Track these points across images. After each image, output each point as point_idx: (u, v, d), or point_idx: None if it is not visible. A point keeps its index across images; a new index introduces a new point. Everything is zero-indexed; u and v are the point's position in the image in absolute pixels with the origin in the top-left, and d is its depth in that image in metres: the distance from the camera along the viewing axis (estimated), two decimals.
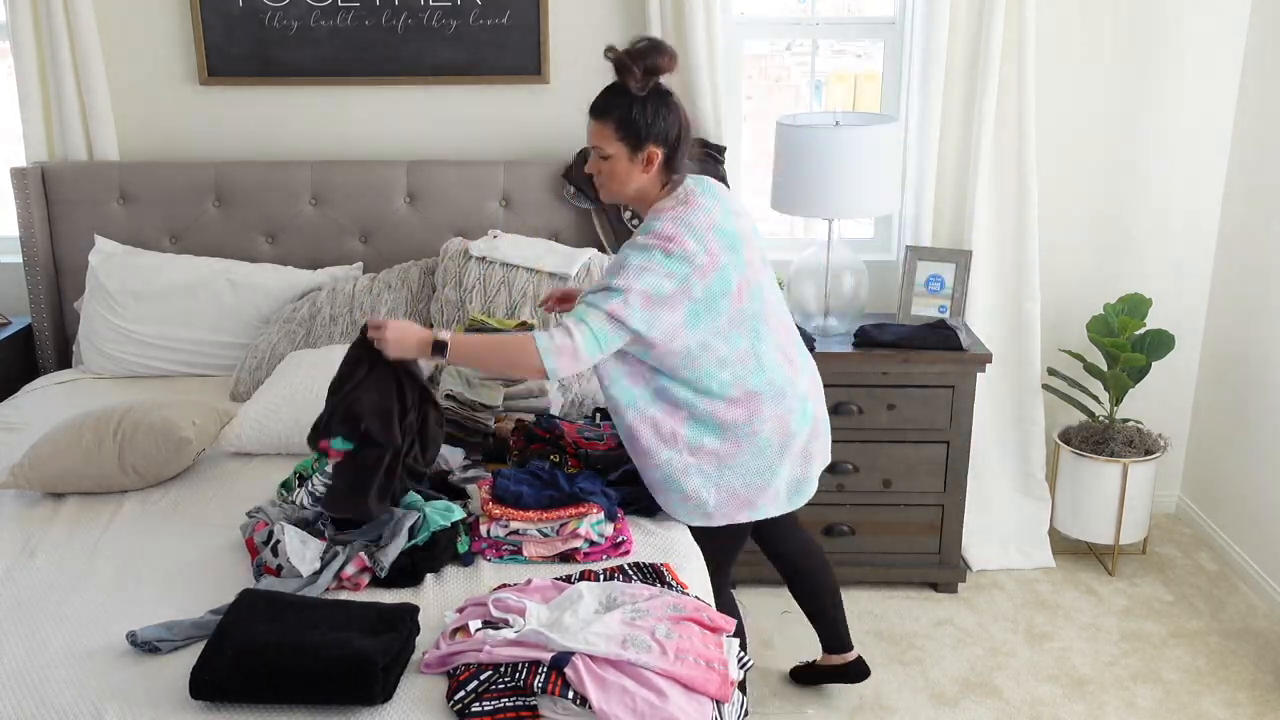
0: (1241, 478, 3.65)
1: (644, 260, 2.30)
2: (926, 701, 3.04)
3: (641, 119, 2.34)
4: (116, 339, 3.44)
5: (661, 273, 2.29)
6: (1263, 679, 3.14)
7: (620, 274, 2.31)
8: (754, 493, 2.50)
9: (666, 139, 2.36)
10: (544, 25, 3.56)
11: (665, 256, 2.30)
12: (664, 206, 2.38)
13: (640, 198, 2.44)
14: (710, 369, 2.38)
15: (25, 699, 1.94)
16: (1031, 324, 3.65)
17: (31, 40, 3.50)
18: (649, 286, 2.29)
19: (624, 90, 2.35)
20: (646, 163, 2.37)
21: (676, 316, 2.32)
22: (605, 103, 2.37)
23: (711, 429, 2.43)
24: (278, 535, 2.28)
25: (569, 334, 2.29)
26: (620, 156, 2.37)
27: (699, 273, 2.31)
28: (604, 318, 2.29)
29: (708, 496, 2.47)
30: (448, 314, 3.26)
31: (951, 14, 3.48)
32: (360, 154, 3.71)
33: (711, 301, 2.34)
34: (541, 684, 1.90)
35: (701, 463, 2.45)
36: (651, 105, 2.34)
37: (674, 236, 2.31)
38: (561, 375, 2.31)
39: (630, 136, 2.35)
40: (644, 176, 2.39)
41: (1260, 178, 3.55)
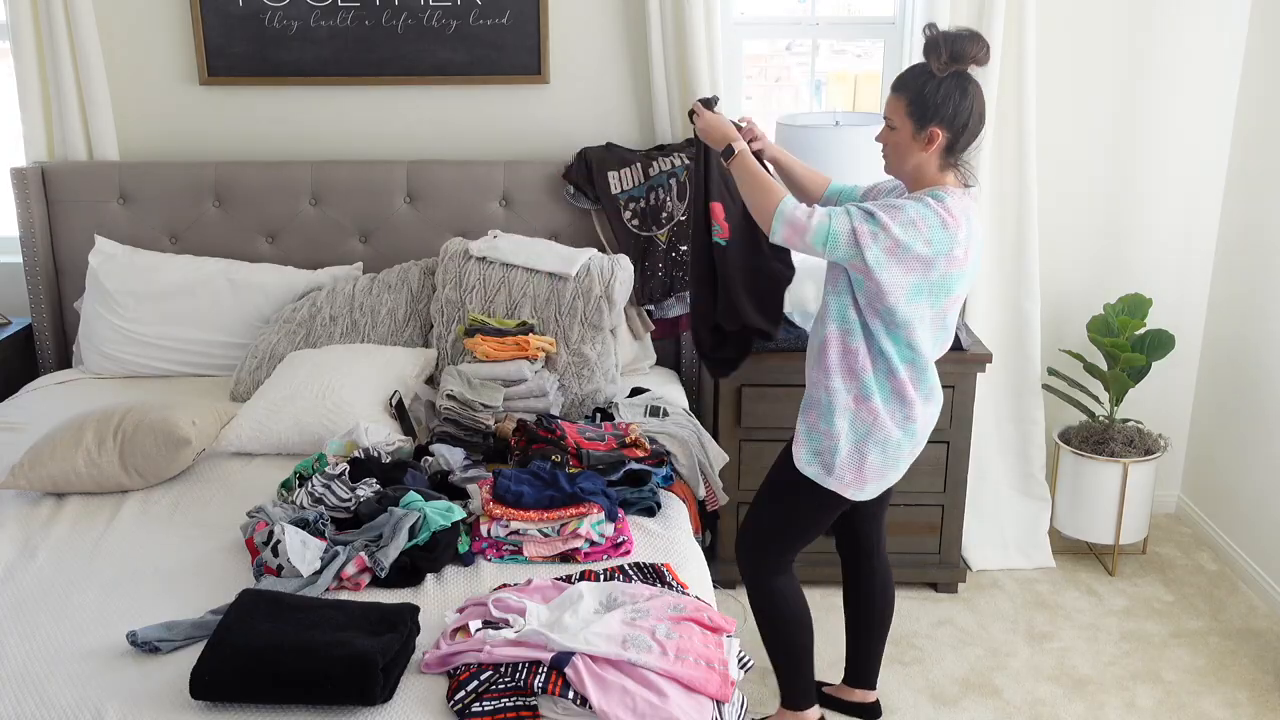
0: (1241, 478, 3.65)
1: (919, 215, 2.32)
2: (926, 701, 3.04)
3: (933, 98, 2.36)
4: (116, 339, 3.44)
5: (924, 236, 2.31)
6: (1263, 679, 3.14)
7: (890, 211, 2.33)
8: (877, 472, 2.51)
9: (953, 123, 2.37)
10: (544, 25, 3.56)
11: (940, 226, 2.32)
12: (953, 190, 2.40)
13: (916, 175, 2.44)
14: (896, 341, 2.42)
15: (25, 699, 1.94)
16: (1031, 324, 3.65)
17: (31, 40, 3.50)
18: (905, 237, 2.31)
19: (925, 67, 2.38)
20: (928, 141, 2.38)
21: (905, 279, 2.34)
22: (905, 77, 2.41)
23: (887, 392, 2.46)
24: (278, 535, 2.28)
25: (812, 214, 2.35)
26: (905, 130, 2.40)
27: (948, 260, 2.34)
28: (850, 230, 2.32)
29: (839, 448, 2.48)
30: (448, 314, 3.26)
31: (951, 14, 3.48)
32: (360, 154, 3.71)
33: (937, 291, 2.38)
34: (541, 684, 1.90)
35: (858, 415, 2.47)
36: (946, 88, 2.36)
37: (956, 218, 2.34)
38: (783, 239, 2.38)
39: (918, 113, 2.37)
40: (923, 154, 2.40)
41: (1260, 178, 3.55)
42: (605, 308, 3.20)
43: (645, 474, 2.68)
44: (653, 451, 2.77)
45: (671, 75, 3.52)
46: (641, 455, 2.73)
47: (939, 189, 2.39)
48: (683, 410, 3.18)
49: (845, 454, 2.48)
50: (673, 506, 2.68)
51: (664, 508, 2.65)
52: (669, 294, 3.50)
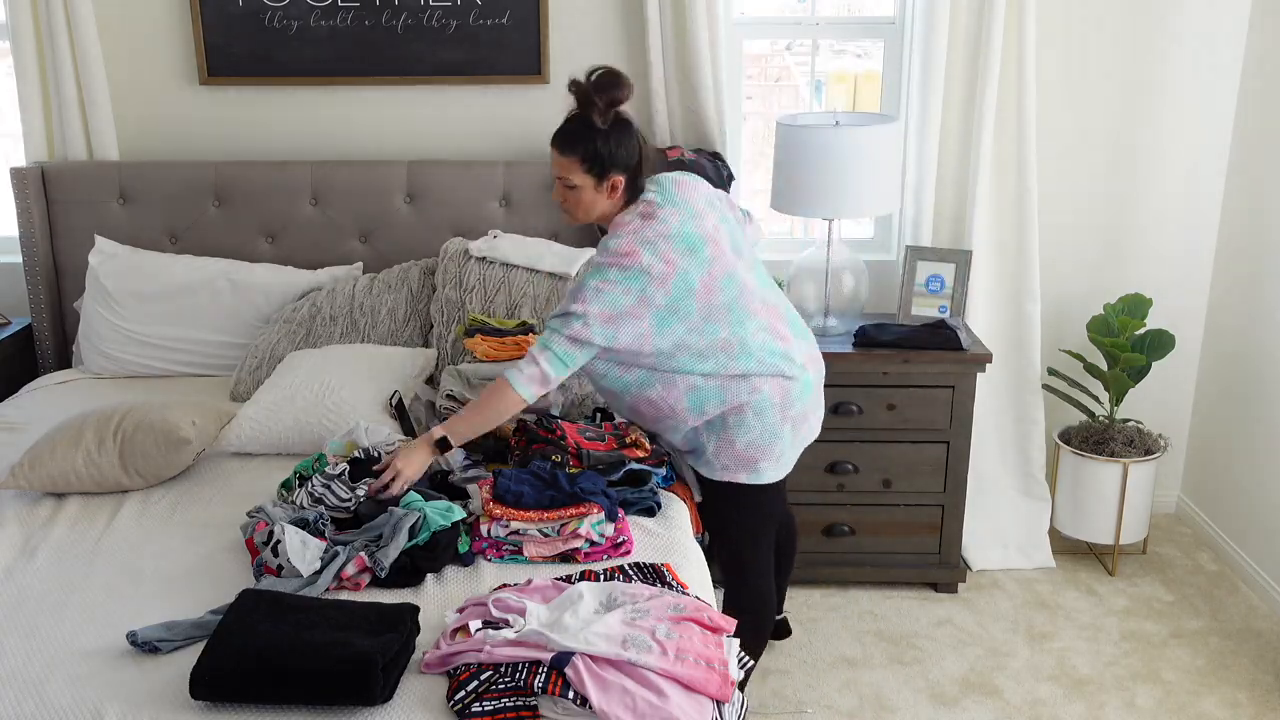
0: (1241, 478, 3.65)
1: (599, 280, 2.41)
2: (926, 701, 3.04)
3: (605, 151, 2.44)
4: (116, 339, 3.44)
5: (619, 290, 2.40)
6: (1263, 679, 3.14)
7: (578, 298, 2.42)
8: (756, 453, 2.59)
9: (628, 166, 2.47)
10: (544, 25, 3.56)
11: (621, 272, 2.41)
12: (623, 221, 2.48)
13: (605, 218, 2.55)
14: (689, 362, 2.49)
15: (25, 699, 1.94)
16: (1031, 324, 3.65)
17: (31, 40, 3.50)
18: (606, 305, 2.40)
19: (588, 123, 2.44)
20: (611, 190, 2.49)
21: (642, 325, 2.43)
22: (569, 137, 2.46)
23: (711, 394, 2.53)
24: (278, 535, 2.28)
25: (534, 361, 2.42)
26: (586, 187, 2.48)
27: (657, 282, 2.41)
28: (565, 341, 2.42)
29: (707, 443, 2.59)
30: (448, 314, 3.26)
31: (951, 14, 3.48)
32: (360, 154, 3.71)
33: (677, 304, 2.45)
34: (541, 684, 1.90)
35: (706, 426, 2.58)
36: (615, 137, 2.44)
37: (629, 252, 2.41)
38: (537, 399, 2.46)
39: (595, 168, 2.45)
40: (608, 202, 2.51)
41: (1260, 178, 3.55)
42: None
43: (645, 474, 2.68)
44: (653, 451, 2.77)
45: (671, 75, 3.52)
46: (641, 455, 2.72)
47: (608, 236, 2.47)
48: None
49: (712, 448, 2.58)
50: (673, 506, 2.68)
51: (664, 508, 2.65)
52: None
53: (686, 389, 2.52)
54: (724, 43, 3.52)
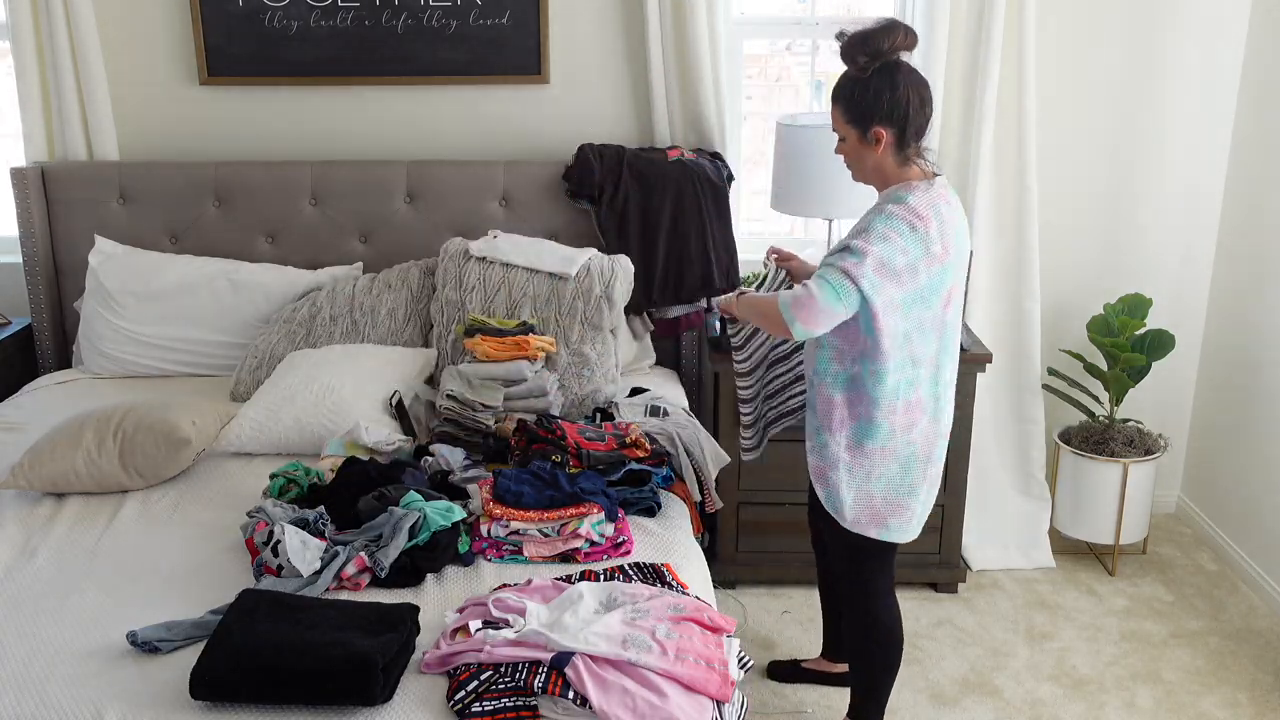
0: (1241, 478, 3.65)
1: (888, 228, 2.30)
2: (926, 701, 3.04)
3: (864, 101, 2.35)
4: (116, 339, 3.44)
5: (900, 245, 2.29)
6: (1263, 679, 3.14)
7: (862, 236, 2.31)
8: (890, 508, 2.49)
9: (892, 117, 2.34)
10: (544, 25, 3.56)
11: (910, 231, 2.30)
12: (915, 185, 2.38)
13: (879, 176, 2.43)
14: (904, 362, 2.39)
15: (25, 699, 1.94)
16: (1031, 324, 3.65)
17: (31, 40, 3.50)
18: (885, 254, 2.28)
19: (849, 73, 2.38)
20: (875, 142, 2.37)
21: (898, 294, 2.31)
22: (836, 87, 2.41)
23: (876, 432, 2.43)
24: (278, 535, 2.28)
25: (808, 289, 2.31)
26: (851, 138, 2.40)
27: (930, 259, 2.31)
28: (840, 274, 2.29)
29: (846, 496, 2.48)
30: (448, 314, 3.26)
31: (951, 14, 3.48)
32: (360, 154, 3.71)
33: (928, 294, 2.35)
34: (541, 684, 1.90)
35: (853, 463, 2.47)
36: (874, 87, 2.34)
37: (924, 216, 2.31)
38: (806, 328, 2.31)
39: (856, 119, 2.37)
40: (876, 156, 2.39)
41: (1260, 178, 3.55)
42: (605, 308, 3.20)
43: (645, 474, 2.68)
44: (653, 451, 2.77)
45: (671, 75, 3.52)
46: (641, 455, 2.73)
47: (901, 190, 2.37)
48: (683, 410, 3.18)
49: (850, 502, 2.49)
50: (673, 506, 2.68)
51: (664, 508, 2.65)
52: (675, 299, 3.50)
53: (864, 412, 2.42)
54: (724, 43, 3.52)
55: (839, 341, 2.43)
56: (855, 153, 2.41)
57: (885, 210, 2.33)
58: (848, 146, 2.42)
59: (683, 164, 3.43)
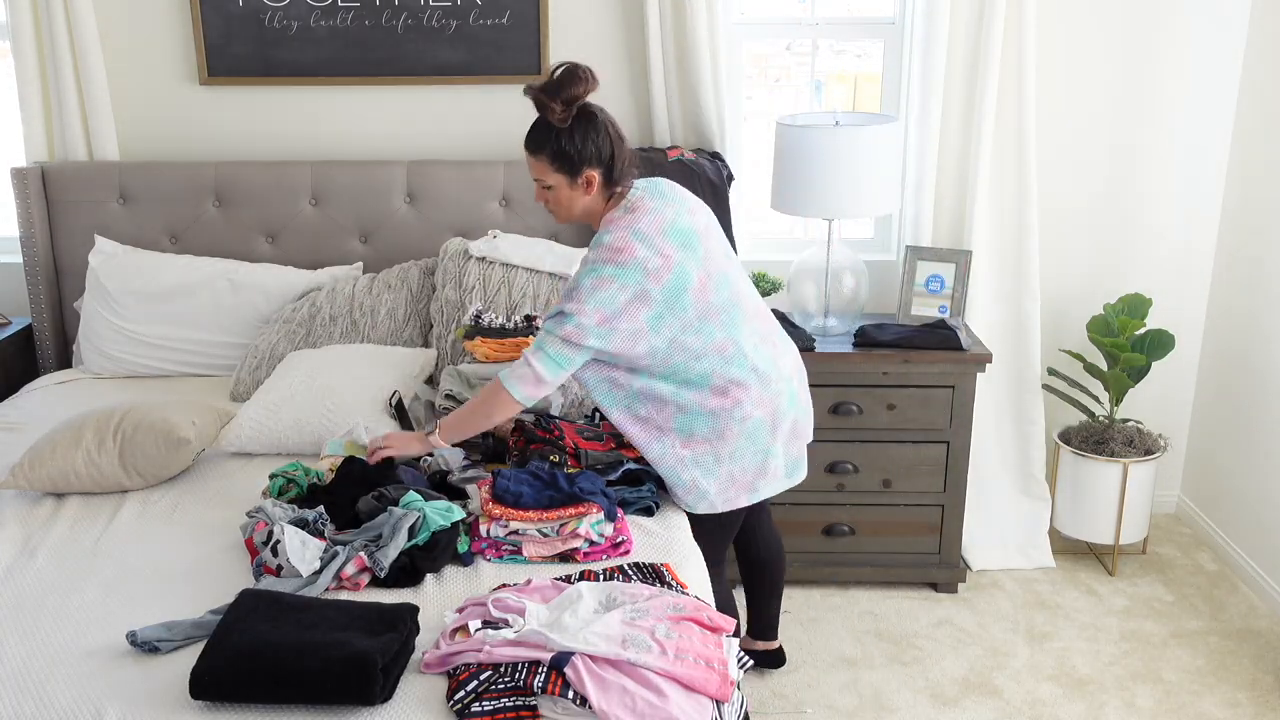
0: (1241, 478, 3.65)
1: (594, 279, 2.38)
2: (926, 701, 3.04)
3: (571, 148, 2.43)
4: (116, 339, 3.44)
5: (614, 286, 2.37)
6: (1263, 679, 3.14)
7: (573, 297, 2.40)
8: (753, 476, 2.59)
9: (600, 159, 2.45)
10: (544, 25, 3.56)
11: (617, 269, 2.38)
12: (612, 218, 2.47)
13: (588, 215, 2.53)
14: (685, 362, 2.46)
15: (25, 699, 1.94)
16: (1031, 324, 3.65)
17: (31, 40, 3.50)
18: (601, 304, 2.37)
19: (549, 123, 2.44)
20: (587, 185, 2.47)
21: (637, 323, 2.40)
22: (536, 138, 2.47)
23: (700, 418, 2.51)
24: (278, 535, 2.28)
25: (528, 363, 2.42)
26: (561, 185, 2.48)
27: (653, 277, 2.39)
28: (559, 343, 2.40)
29: (708, 486, 2.57)
30: (448, 314, 3.26)
31: (951, 14, 3.48)
32: (360, 154, 3.71)
33: (673, 300, 2.41)
34: (541, 684, 1.90)
35: (696, 453, 2.54)
36: (579, 133, 2.42)
37: (623, 247, 2.39)
38: (533, 401, 2.45)
39: (565, 166, 2.45)
40: (586, 198, 2.49)
41: (1260, 178, 3.55)
42: None
43: (643, 474, 2.68)
44: None
45: (671, 75, 3.52)
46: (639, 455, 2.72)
47: (605, 230, 2.44)
48: None
49: (715, 488, 2.56)
50: (672, 506, 2.68)
51: (662, 507, 2.65)
52: None
53: (675, 410, 2.50)
54: (724, 43, 3.52)
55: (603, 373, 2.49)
56: (565, 198, 2.49)
57: (587, 261, 2.42)
58: (556, 194, 2.49)
59: (683, 164, 3.43)
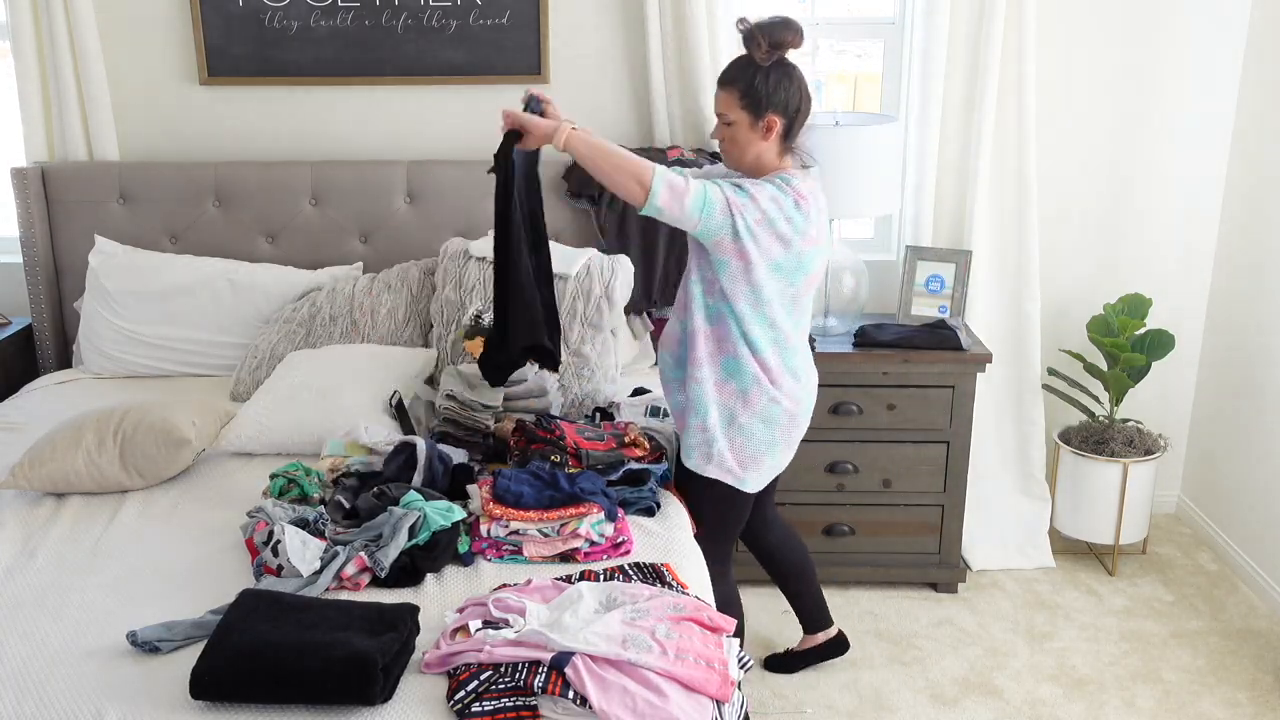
0: (1241, 478, 3.65)
1: (775, 194, 2.43)
2: (926, 701, 3.04)
3: (764, 88, 2.45)
4: (116, 339, 3.44)
5: (784, 214, 2.43)
6: (1263, 679, 3.14)
7: (759, 188, 2.43)
8: (747, 460, 2.62)
9: (786, 109, 2.47)
10: (544, 25, 3.56)
11: (794, 207, 2.44)
12: (796, 174, 2.51)
13: (756, 165, 2.53)
14: (761, 319, 2.51)
15: (25, 699, 1.94)
16: (1031, 324, 3.65)
17: (31, 40, 3.50)
18: (769, 212, 2.42)
19: (750, 61, 2.47)
20: (766, 130, 2.48)
21: (770, 252, 2.44)
22: (731, 72, 2.50)
23: (743, 372, 2.54)
24: (278, 535, 2.28)
25: (688, 180, 2.40)
26: (741, 123, 2.48)
27: (803, 238, 2.46)
28: (724, 199, 2.40)
29: (711, 437, 2.58)
30: (448, 314, 3.26)
31: (951, 14, 3.48)
32: (360, 154, 3.71)
33: (795, 269, 2.48)
34: (541, 684, 1.90)
35: (722, 399, 2.57)
36: (774, 76, 2.45)
37: (805, 198, 2.46)
38: (659, 204, 2.37)
39: (752, 105, 2.46)
40: (763, 144, 2.50)
41: (1260, 178, 3.55)
42: (605, 308, 3.19)
43: (644, 473, 2.68)
44: (651, 448, 2.77)
45: (671, 75, 3.52)
46: (640, 455, 2.72)
47: (784, 173, 2.49)
48: None
49: (722, 443, 2.59)
50: (672, 506, 2.68)
51: (663, 507, 2.65)
52: None
53: (732, 349, 2.53)
54: (724, 43, 3.51)
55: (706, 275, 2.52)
56: (742, 138, 2.50)
57: (774, 182, 2.46)
58: (734, 131, 2.50)
59: (683, 164, 3.43)
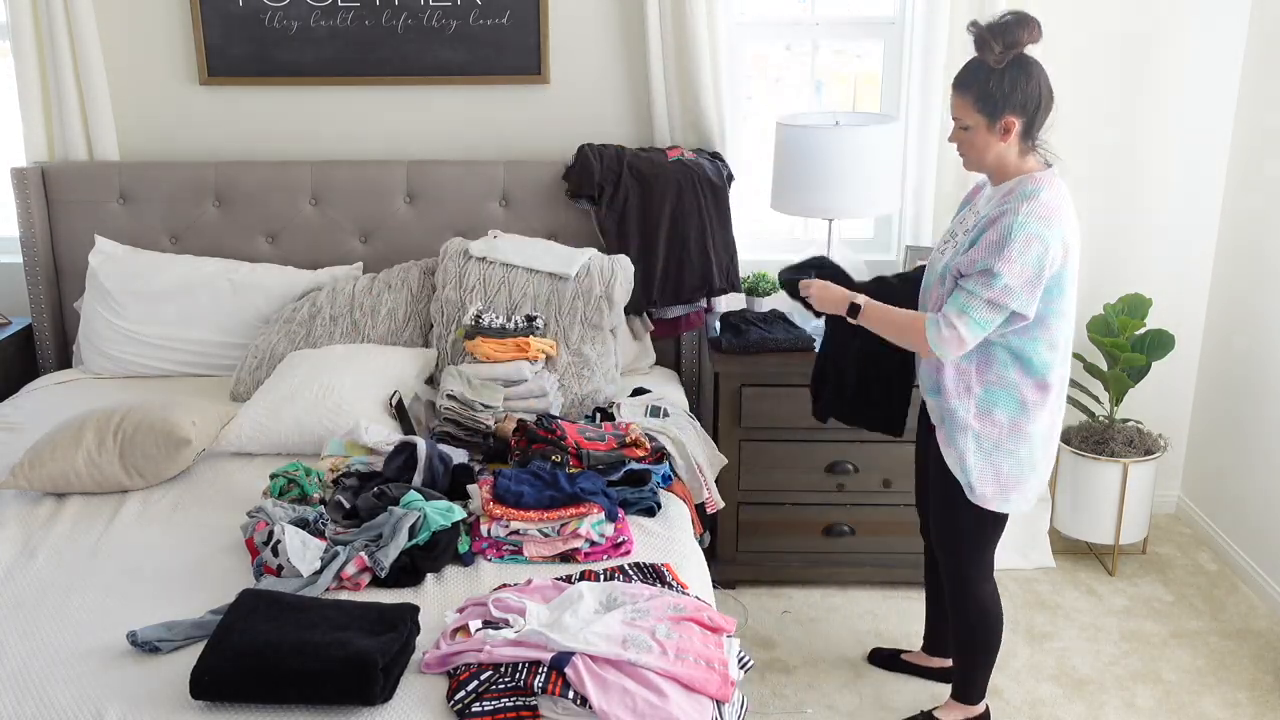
0: (1241, 478, 3.65)
1: (1025, 235, 2.34)
2: (927, 701, 3.04)
3: (999, 91, 2.39)
4: (116, 339, 3.44)
5: (1040, 246, 2.35)
6: (1263, 679, 3.14)
7: (1003, 256, 2.34)
8: (1013, 481, 2.55)
9: (1025, 108, 2.40)
10: (544, 25, 3.56)
11: (1048, 228, 2.35)
12: (1041, 177, 2.43)
13: (998, 166, 2.48)
14: (1039, 344, 2.46)
15: (25, 699, 1.95)
16: None
17: (31, 40, 3.50)
18: (1031, 264, 2.35)
19: (982, 63, 2.40)
20: (1004, 132, 2.42)
21: (1042, 285, 2.38)
22: (965, 76, 2.44)
23: (1009, 402, 2.50)
24: (278, 535, 2.28)
25: (954, 326, 2.39)
26: (979, 127, 2.43)
27: (1064, 249, 2.38)
28: (985, 306, 2.37)
29: (972, 465, 2.54)
30: (448, 314, 3.26)
31: (951, 14, 3.48)
32: (360, 154, 3.71)
33: (1061, 281, 2.41)
34: (541, 684, 1.90)
35: (982, 432, 2.52)
36: (1009, 76, 2.38)
37: (1057, 208, 2.38)
38: (951, 354, 2.43)
39: (988, 108, 2.40)
40: (1001, 145, 2.44)
41: (1260, 178, 3.55)
42: (605, 308, 3.20)
43: (645, 474, 2.68)
44: (652, 449, 2.77)
45: (671, 75, 3.52)
46: (641, 455, 2.72)
47: (1028, 183, 2.41)
48: (683, 411, 3.18)
49: (976, 473, 2.53)
50: (673, 506, 2.68)
51: (664, 508, 2.65)
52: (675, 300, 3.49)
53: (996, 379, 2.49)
54: (724, 43, 3.51)
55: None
56: (980, 142, 2.44)
57: (1020, 213, 2.35)
58: (972, 135, 2.44)
59: (683, 164, 3.43)
